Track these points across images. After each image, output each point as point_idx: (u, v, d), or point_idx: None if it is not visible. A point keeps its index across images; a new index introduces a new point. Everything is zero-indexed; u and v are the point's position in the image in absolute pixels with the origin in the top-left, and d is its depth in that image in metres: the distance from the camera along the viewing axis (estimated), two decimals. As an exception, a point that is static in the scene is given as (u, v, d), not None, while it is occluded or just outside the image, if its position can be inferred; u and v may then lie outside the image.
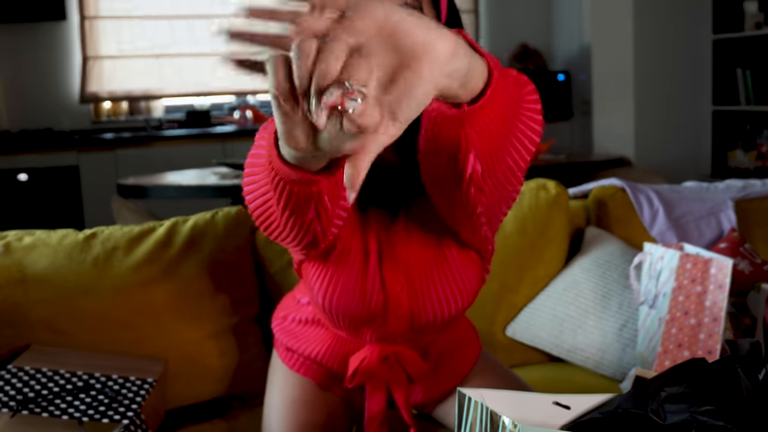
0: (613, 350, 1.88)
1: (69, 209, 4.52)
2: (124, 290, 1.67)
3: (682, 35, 4.58)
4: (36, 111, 4.85)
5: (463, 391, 1.01)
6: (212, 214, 1.78)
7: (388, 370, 1.30)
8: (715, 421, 0.84)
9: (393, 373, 1.31)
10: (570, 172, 3.46)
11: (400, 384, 1.31)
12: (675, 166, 4.50)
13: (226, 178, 3.32)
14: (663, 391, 0.90)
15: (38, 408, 1.36)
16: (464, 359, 1.42)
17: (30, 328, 1.62)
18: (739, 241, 2.07)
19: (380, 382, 1.30)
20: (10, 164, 4.44)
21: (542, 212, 2.01)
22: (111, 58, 4.94)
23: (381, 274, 1.20)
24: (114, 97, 4.99)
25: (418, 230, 1.20)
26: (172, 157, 4.58)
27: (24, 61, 4.82)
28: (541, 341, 1.94)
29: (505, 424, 0.88)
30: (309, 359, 1.36)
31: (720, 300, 1.71)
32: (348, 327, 1.28)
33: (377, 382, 1.30)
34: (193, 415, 1.66)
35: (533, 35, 5.58)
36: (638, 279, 1.83)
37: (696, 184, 2.37)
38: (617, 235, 2.12)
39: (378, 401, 1.30)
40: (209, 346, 1.71)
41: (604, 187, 2.23)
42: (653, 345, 1.74)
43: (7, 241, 1.67)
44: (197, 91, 5.11)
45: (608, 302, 1.93)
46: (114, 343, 1.65)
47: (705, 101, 4.70)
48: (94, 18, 4.88)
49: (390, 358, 1.30)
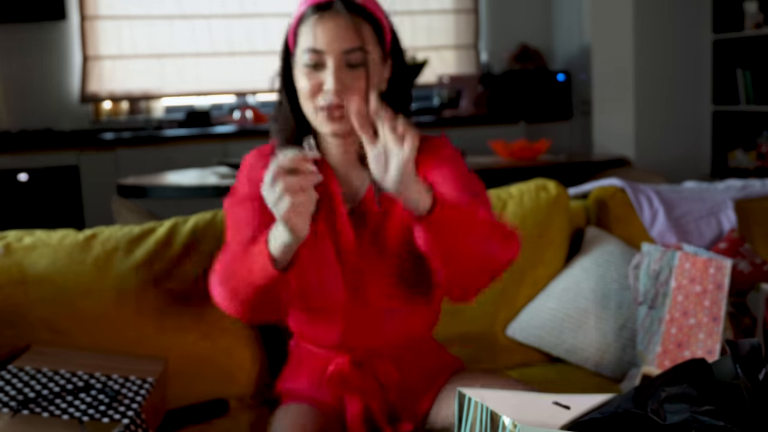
0: (613, 350, 1.88)
1: (69, 209, 4.52)
2: (124, 290, 1.67)
3: (682, 35, 4.58)
4: (36, 111, 4.84)
5: (463, 391, 1.01)
6: (212, 215, 1.79)
7: (362, 377, 1.40)
8: (715, 421, 0.84)
9: (366, 381, 1.40)
10: (570, 172, 3.46)
11: (373, 391, 1.40)
12: (675, 166, 4.50)
13: (226, 178, 3.32)
14: (663, 391, 0.90)
15: (39, 408, 1.36)
16: (436, 366, 1.50)
17: (30, 328, 1.62)
18: (739, 241, 2.07)
19: (354, 389, 1.39)
20: (10, 164, 4.43)
21: (542, 212, 2.01)
22: (111, 58, 4.94)
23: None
24: (114, 97, 4.99)
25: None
26: (172, 157, 4.58)
27: (24, 61, 4.82)
28: (541, 341, 1.94)
29: (505, 424, 0.88)
30: (302, 396, 1.46)
31: (719, 300, 1.71)
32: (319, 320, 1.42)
33: (351, 390, 1.39)
34: (193, 415, 1.66)
35: (533, 35, 5.58)
36: (637, 279, 1.83)
37: (696, 184, 2.37)
38: (617, 235, 2.12)
39: (355, 408, 1.38)
40: (209, 346, 1.71)
41: (604, 187, 2.23)
42: (653, 345, 1.74)
43: (7, 242, 1.67)
44: (197, 91, 5.11)
45: (608, 302, 1.93)
46: (114, 343, 1.65)
47: (705, 101, 4.70)
48: (94, 18, 4.88)
49: (363, 365, 1.40)
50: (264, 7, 5.14)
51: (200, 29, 5.07)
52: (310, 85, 1.29)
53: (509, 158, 3.61)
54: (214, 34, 5.09)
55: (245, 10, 5.12)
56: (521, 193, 2.02)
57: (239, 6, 5.12)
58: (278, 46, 1.42)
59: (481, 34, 5.63)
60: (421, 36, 5.48)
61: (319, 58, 1.28)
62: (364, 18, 1.30)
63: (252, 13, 5.13)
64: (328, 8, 1.29)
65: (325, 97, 1.28)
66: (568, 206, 2.08)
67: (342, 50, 1.28)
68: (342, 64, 1.28)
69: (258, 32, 5.13)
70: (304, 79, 1.30)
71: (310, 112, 1.32)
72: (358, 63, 1.28)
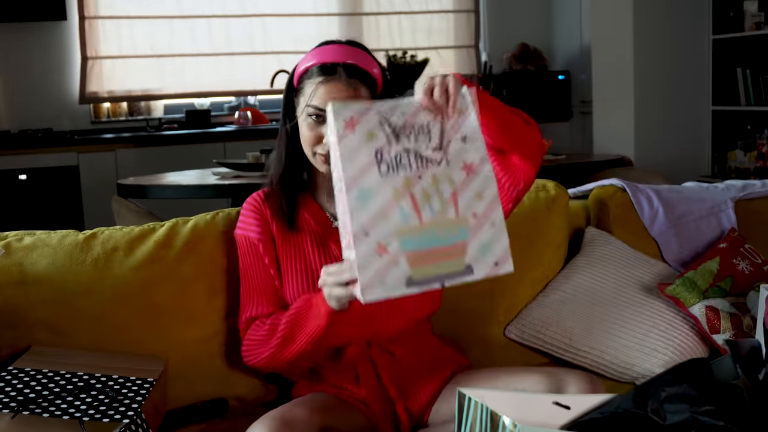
0: (613, 350, 1.88)
1: (69, 209, 4.52)
2: (124, 291, 1.67)
3: (682, 35, 4.57)
4: (36, 111, 4.84)
5: (463, 391, 1.01)
6: (212, 215, 1.79)
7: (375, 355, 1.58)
8: (715, 421, 0.84)
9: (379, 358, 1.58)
10: (570, 172, 3.46)
11: (385, 361, 1.58)
12: (675, 166, 4.49)
13: (226, 178, 3.32)
14: (663, 391, 0.90)
15: (39, 408, 1.36)
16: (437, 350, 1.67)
17: (30, 328, 1.62)
18: (739, 241, 2.07)
19: (368, 362, 1.58)
20: (10, 164, 4.43)
21: (542, 213, 2.01)
22: (111, 58, 4.94)
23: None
24: (114, 97, 4.99)
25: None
26: (172, 157, 4.58)
27: (24, 61, 4.82)
28: (541, 341, 1.93)
29: (505, 424, 0.89)
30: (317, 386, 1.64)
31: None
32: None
33: (365, 363, 1.57)
34: (193, 415, 1.66)
35: (533, 35, 5.58)
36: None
37: (696, 184, 2.37)
38: (617, 235, 2.12)
39: (369, 381, 1.57)
40: (209, 346, 1.71)
41: (604, 187, 2.22)
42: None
43: (7, 242, 1.67)
44: (197, 91, 5.11)
45: (608, 303, 1.93)
46: (114, 343, 1.65)
47: (705, 101, 4.70)
48: (94, 18, 4.88)
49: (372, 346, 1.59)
50: (264, 7, 5.14)
51: (200, 29, 5.07)
52: (312, 136, 1.52)
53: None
54: (214, 34, 5.09)
55: (245, 10, 5.12)
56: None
57: (239, 6, 5.11)
58: (278, 46, 1.50)
59: (481, 34, 5.63)
60: (421, 36, 5.48)
61: (319, 115, 1.50)
62: (361, 81, 1.50)
63: (252, 13, 5.13)
64: (333, 73, 1.49)
65: (323, 148, 1.50)
66: (568, 206, 2.08)
67: None
68: None
69: (258, 32, 5.13)
70: (306, 128, 1.52)
71: (309, 154, 1.55)
72: None
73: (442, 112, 1.30)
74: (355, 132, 1.27)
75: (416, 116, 1.31)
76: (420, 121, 1.31)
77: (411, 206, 1.27)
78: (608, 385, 1.84)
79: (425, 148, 1.30)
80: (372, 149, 1.27)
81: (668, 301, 1.94)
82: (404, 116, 1.31)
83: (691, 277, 1.96)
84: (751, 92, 4.59)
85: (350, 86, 1.49)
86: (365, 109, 1.30)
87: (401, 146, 1.29)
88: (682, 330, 1.90)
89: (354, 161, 1.26)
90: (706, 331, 1.89)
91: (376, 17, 5.40)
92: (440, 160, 1.30)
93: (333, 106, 1.28)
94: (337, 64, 1.49)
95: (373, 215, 1.25)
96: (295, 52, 5.15)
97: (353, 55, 1.52)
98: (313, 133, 1.51)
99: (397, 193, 1.27)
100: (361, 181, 1.25)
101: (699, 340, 1.90)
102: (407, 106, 1.32)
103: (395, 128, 1.29)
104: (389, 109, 1.31)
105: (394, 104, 1.32)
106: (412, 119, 1.31)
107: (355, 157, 1.26)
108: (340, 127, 1.27)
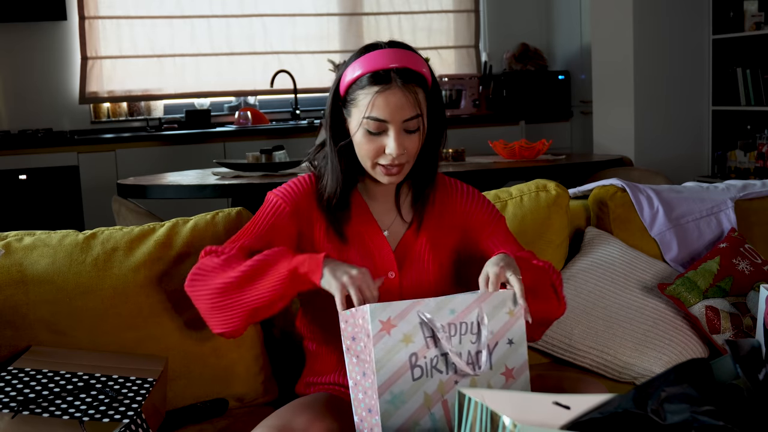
0: (613, 350, 1.88)
1: (69, 209, 4.52)
2: (124, 291, 1.67)
3: (682, 35, 4.57)
4: (36, 111, 4.84)
5: (463, 391, 1.01)
6: (212, 215, 1.79)
7: None
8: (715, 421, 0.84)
9: None
10: (570, 172, 3.46)
11: None
12: (675, 166, 4.49)
13: (226, 178, 3.32)
14: (663, 391, 0.90)
15: (39, 408, 1.36)
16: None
17: (30, 328, 1.62)
18: (739, 241, 2.07)
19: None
20: (10, 164, 4.43)
21: (542, 213, 2.01)
22: (111, 58, 4.94)
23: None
24: (114, 97, 4.99)
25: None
26: (172, 157, 4.58)
27: (24, 61, 4.82)
28: (541, 341, 1.94)
29: (505, 424, 0.88)
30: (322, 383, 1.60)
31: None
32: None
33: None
34: (192, 415, 1.66)
35: (533, 35, 5.59)
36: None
37: (696, 184, 2.37)
38: (617, 235, 2.12)
39: None
40: (209, 346, 1.71)
41: (604, 187, 2.22)
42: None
43: (7, 242, 1.68)
44: (197, 91, 5.11)
45: (608, 303, 1.93)
46: (114, 343, 1.65)
47: (704, 101, 4.70)
48: (94, 18, 4.88)
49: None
50: (264, 7, 5.14)
51: (200, 29, 5.08)
52: (372, 148, 1.45)
53: (509, 158, 3.61)
54: (214, 34, 5.09)
55: (245, 10, 5.12)
56: (521, 194, 2.03)
57: (239, 6, 5.12)
58: (278, 47, 1.48)
59: (481, 34, 5.63)
60: (421, 36, 5.48)
61: (380, 126, 1.44)
62: (417, 84, 1.44)
63: (252, 13, 5.13)
64: (388, 81, 1.42)
65: (386, 159, 1.45)
66: (568, 206, 2.08)
67: (402, 119, 1.43)
68: (401, 130, 1.44)
69: (258, 32, 5.13)
70: (365, 141, 1.45)
71: (368, 166, 1.48)
72: (415, 129, 1.45)
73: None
74: (392, 335, 1.24)
75: (468, 313, 1.29)
76: (471, 319, 1.29)
77: (442, 413, 1.26)
78: (608, 385, 1.84)
79: (466, 353, 1.28)
80: (407, 354, 1.24)
81: (668, 301, 1.94)
82: (454, 314, 1.28)
83: (691, 277, 1.96)
84: (751, 92, 4.59)
85: (408, 91, 1.42)
86: (405, 309, 1.26)
87: (439, 350, 1.26)
88: (682, 330, 1.90)
89: (387, 366, 1.23)
90: (706, 331, 1.89)
91: (376, 17, 5.40)
92: (482, 364, 1.28)
93: (371, 307, 1.24)
94: (390, 70, 1.42)
95: (404, 420, 1.23)
96: (295, 52, 5.16)
97: (403, 58, 1.44)
98: (373, 146, 1.45)
99: (428, 400, 1.25)
100: (393, 387, 1.23)
101: (699, 340, 1.90)
102: (460, 303, 1.29)
103: (435, 330, 1.26)
104: (435, 307, 1.27)
105: (443, 301, 1.28)
106: (463, 316, 1.28)
107: (388, 362, 1.23)
108: (376, 328, 1.23)
